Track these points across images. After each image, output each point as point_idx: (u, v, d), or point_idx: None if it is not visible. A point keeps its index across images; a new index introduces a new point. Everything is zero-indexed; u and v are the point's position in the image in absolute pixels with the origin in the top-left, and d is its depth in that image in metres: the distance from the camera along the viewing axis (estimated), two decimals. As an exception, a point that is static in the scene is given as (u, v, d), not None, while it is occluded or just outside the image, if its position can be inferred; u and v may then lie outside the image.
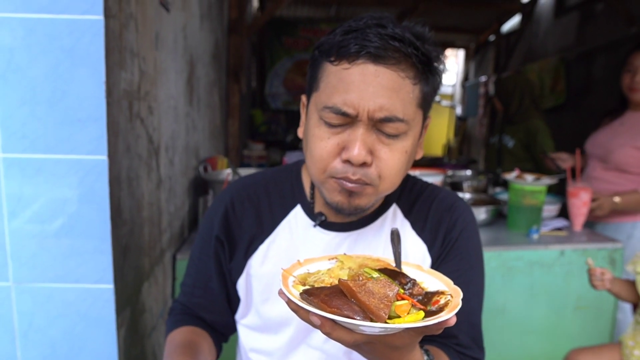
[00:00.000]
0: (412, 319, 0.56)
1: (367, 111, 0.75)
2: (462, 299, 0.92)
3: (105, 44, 1.02)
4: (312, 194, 0.94)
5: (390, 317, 0.57)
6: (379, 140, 0.78)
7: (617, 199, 2.17)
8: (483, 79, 7.07)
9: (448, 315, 0.56)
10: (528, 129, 2.98)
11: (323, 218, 0.92)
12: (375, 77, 0.75)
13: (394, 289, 0.58)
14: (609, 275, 1.65)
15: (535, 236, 2.08)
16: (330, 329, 0.57)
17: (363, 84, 0.75)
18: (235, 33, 3.34)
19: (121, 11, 1.13)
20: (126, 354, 1.22)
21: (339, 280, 0.59)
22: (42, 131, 1.04)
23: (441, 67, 0.82)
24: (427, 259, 0.93)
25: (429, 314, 0.58)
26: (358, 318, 0.54)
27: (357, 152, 0.75)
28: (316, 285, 0.63)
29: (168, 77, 1.65)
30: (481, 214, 2.18)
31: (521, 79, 3.21)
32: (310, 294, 0.59)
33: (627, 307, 2.27)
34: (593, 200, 2.19)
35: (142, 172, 1.34)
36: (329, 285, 0.62)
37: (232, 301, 1.01)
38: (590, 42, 4.42)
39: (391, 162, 0.79)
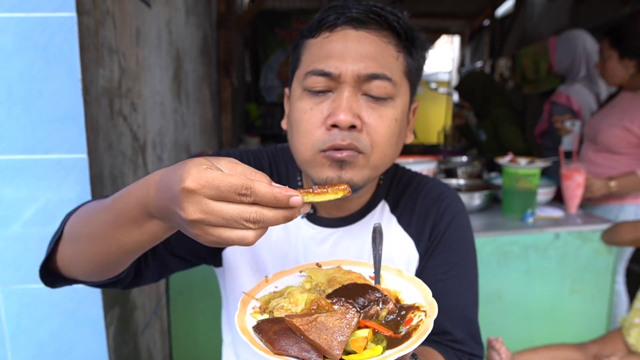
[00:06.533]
0: (369, 355, 0.52)
1: (352, 71, 0.72)
2: (455, 294, 0.88)
3: (79, 41, 1.00)
4: (301, 181, 0.90)
5: (348, 353, 0.53)
6: (366, 104, 0.74)
7: (612, 183, 2.12)
8: (479, 64, 7.02)
9: (407, 350, 0.51)
10: (492, 120, 3.16)
11: (311, 211, 0.88)
12: (357, 41, 0.74)
13: (352, 320, 0.52)
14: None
15: (530, 220, 2.06)
16: None
17: (345, 48, 0.74)
18: (225, 27, 3.31)
19: (96, 8, 1.12)
20: (117, 352, 1.22)
21: (285, 319, 0.53)
22: (20, 132, 1.03)
23: (421, 40, 0.80)
24: (415, 255, 0.90)
25: (395, 342, 0.54)
26: (308, 356, 0.50)
27: (343, 114, 0.71)
28: (275, 312, 0.58)
29: (152, 73, 1.64)
30: (475, 199, 2.16)
31: (480, 74, 3.43)
32: (260, 330, 0.54)
33: (621, 289, 2.27)
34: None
35: (127, 170, 1.33)
36: (285, 315, 0.56)
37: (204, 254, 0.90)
38: (584, 23, 4.37)
39: (381, 128, 0.75)
